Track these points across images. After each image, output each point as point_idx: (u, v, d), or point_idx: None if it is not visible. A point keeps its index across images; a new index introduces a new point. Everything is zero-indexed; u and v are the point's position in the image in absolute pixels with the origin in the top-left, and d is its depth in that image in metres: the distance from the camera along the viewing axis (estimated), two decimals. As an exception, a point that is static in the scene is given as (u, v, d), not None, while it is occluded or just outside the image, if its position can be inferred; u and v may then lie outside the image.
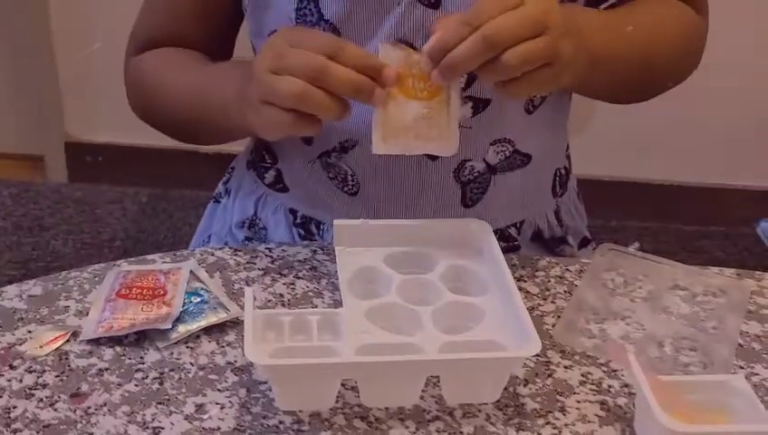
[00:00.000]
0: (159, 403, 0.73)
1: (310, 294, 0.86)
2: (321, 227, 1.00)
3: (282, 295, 0.86)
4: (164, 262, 0.89)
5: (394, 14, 0.88)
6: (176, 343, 0.79)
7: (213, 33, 1.01)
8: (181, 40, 1.00)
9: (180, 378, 0.76)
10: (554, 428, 0.73)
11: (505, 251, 0.84)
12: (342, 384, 0.73)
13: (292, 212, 1.01)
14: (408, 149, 0.81)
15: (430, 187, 0.95)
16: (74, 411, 0.72)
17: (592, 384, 0.78)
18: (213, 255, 0.91)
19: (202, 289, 0.84)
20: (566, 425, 0.73)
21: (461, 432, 0.72)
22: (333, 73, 0.76)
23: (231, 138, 0.97)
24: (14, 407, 0.72)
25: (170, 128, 1.01)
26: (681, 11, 1.01)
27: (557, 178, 1.05)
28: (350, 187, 0.97)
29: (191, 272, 0.86)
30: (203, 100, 0.94)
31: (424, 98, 0.79)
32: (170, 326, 0.79)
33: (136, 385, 0.75)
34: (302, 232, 1.01)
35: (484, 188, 0.97)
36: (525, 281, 0.90)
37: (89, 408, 0.72)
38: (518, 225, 1.02)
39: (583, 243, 1.09)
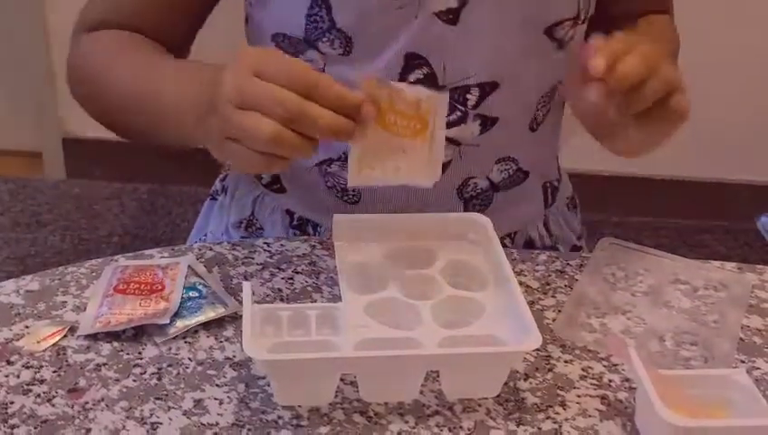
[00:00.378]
0: (158, 399, 0.73)
1: (309, 288, 0.86)
2: (319, 229, 0.99)
3: (280, 290, 0.85)
4: (162, 257, 0.89)
5: (410, 28, 0.87)
6: (174, 339, 0.78)
7: (174, 23, 0.94)
8: (138, 26, 0.92)
9: (179, 373, 0.75)
10: (554, 422, 0.72)
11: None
12: (341, 379, 0.73)
13: (289, 213, 1.00)
14: (384, 181, 0.78)
15: (432, 202, 0.95)
16: (72, 407, 0.71)
17: (593, 379, 0.77)
18: (211, 249, 0.91)
19: (200, 284, 0.84)
20: (566, 419, 0.73)
21: (461, 427, 0.71)
22: (311, 117, 0.70)
23: (178, 144, 0.90)
24: (12, 402, 0.71)
25: (109, 120, 0.93)
26: (672, 26, 1.07)
27: (548, 191, 1.06)
28: (350, 196, 0.96)
29: (189, 267, 0.86)
30: (152, 102, 0.86)
31: (406, 136, 0.75)
32: (168, 321, 0.79)
33: (134, 380, 0.74)
34: (299, 234, 1.00)
35: (486, 204, 0.98)
36: (525, 275, 0.90)
37: (86, 403, 0.72)
38: (512, 235, 1.02)
39: (573, 250, 1.09)
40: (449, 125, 0.90)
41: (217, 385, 0.74)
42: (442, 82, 0.89)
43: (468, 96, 0.90)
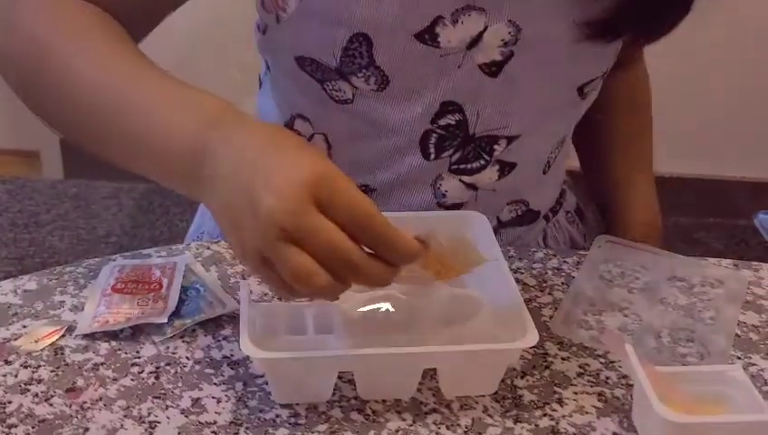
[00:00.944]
0: (156, 397, 0.73)
1: (306, 287, 0.86)
2: None
3: (278, 289, 0.85)
4: (159, 256, 0.89)
5: (450, 75, 0.85)
6: (171, 338, 0.79)
7: (139, 2, 0.83)
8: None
9: (176, 372, 0.75)
10: (552, 419, 0.72)
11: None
12: (339, 377, 0.73)
13: None
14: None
15: None
16: (70, 406, 0.71)
17: (590, 376, 0.78)
18: (209, 248, 0.91)
19: (198, 283, 0.84)
20: (563, 416, 0.73)
21: (458, 425, 0.71)
22: (364, 274, 0.64)
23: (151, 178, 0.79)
24: (9, 402, 0.72)
25: (58, 122, 0.84)
26: (646, 81, 1.12)
27: (549, 216, 1.06)
28: None
29: (187, 266, 0.86)
30: (128, 117, 0.74)
31: (436, 277, 0.71)
32: (166, 320, 0.79)
33: (132, 379, 0.74)
34: None
35: None
36: (523, 273, 0.90)
37: (84, 402, 0.72)
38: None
39: None
40: (471, 172, 0.91)
41: (215, 384, 0.74)
42: (472, 130, 0.88)
43: (496, 146, 0.90)
